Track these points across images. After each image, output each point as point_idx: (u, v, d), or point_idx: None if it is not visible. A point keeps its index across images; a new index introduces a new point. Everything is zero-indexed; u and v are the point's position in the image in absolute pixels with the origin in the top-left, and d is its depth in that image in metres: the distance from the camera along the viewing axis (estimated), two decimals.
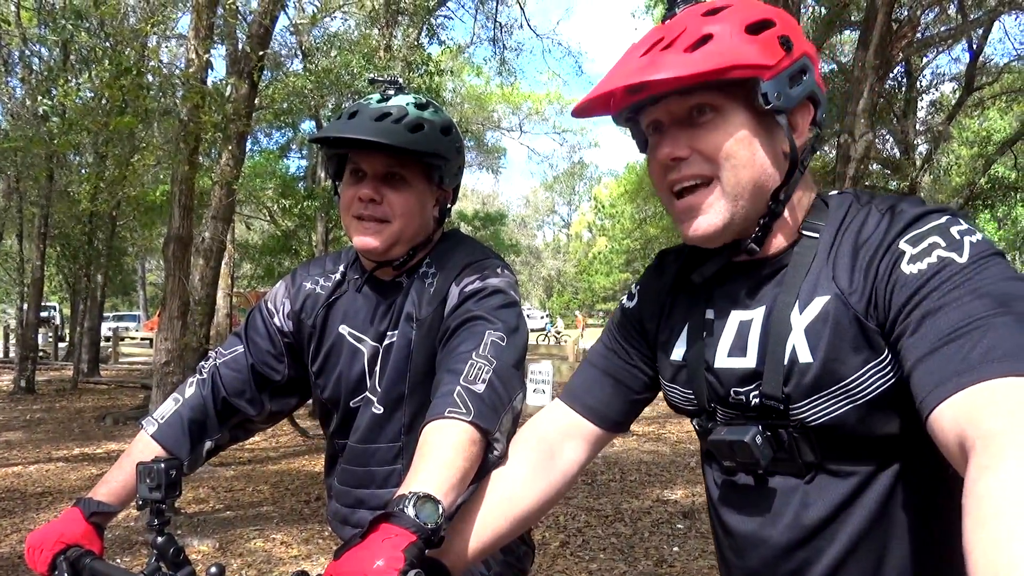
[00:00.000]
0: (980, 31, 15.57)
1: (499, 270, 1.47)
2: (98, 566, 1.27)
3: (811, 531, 1.00)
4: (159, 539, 1.20)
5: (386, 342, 1.50)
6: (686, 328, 1.13)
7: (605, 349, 1.26)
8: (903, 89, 17.34)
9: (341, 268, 1.62)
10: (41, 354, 17.91)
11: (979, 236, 0.90)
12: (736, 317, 1.06)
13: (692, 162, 1.01)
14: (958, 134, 20.05)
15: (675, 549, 5.07)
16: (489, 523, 1.12)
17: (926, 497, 0.96)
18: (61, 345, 23.45)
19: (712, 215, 1.02)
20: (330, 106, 11.68)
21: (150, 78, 4.71)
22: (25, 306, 14.41)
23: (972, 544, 0.66)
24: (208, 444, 1.53)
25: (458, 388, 1.22)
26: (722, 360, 1.06)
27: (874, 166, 17.24)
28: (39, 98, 5.31)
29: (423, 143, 1.42)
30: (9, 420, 11.22)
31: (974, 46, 16.34)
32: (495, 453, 1.21)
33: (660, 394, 1.24)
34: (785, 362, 0.98)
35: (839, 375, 0.95)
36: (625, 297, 1.27)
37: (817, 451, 0.98)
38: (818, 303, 0.97)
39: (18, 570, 4.69)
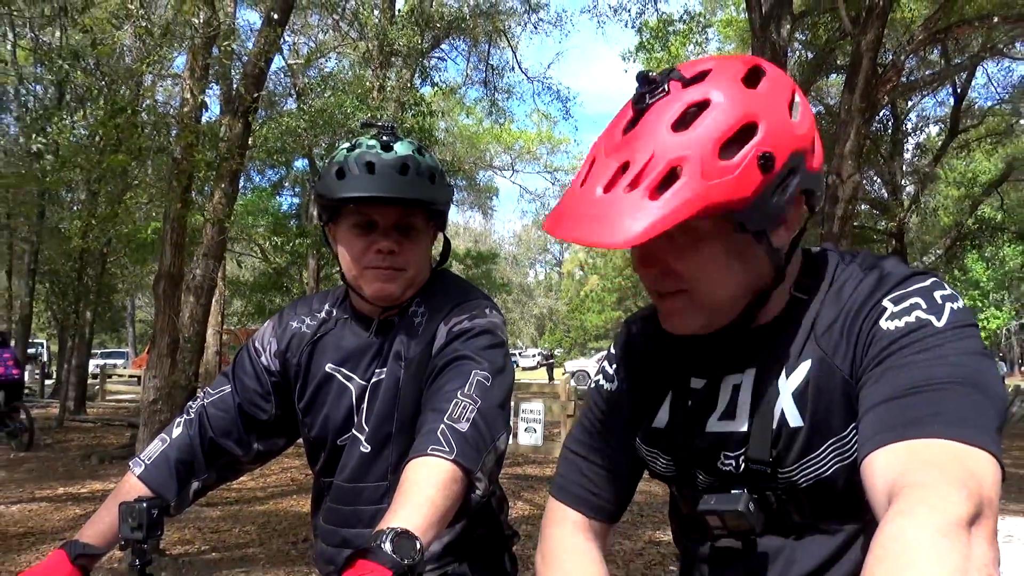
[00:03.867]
0: (963, 76, 15.90)
1: (487, 310, 1.48)
2: None
3: None
4: None
5: (373, 380, 1.50)
6: (669, 395, 1.10)
7: (591, 436, 1.19)
8: (889, 131, 17.63)
9: (327, 307, 1.62)
10: (27, 391, 17.72)
11: (960, 304, 0.92)
12: (728, 382, 1.05)
13: (666, 276, 0.98)
14: (944, 175, 20.36)
15: None
16: None
17: None
18: (47, 382, 23.21)
19: (688, 320, 1.00)
20: (323, 145, 11.77)
21: (144, 117, 4.75)
22: (12, 343, 14.29)
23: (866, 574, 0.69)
24: (195, 484, 1.52)
25: (442, 426, 1.23)
26: (713, 424, 1.05)
27: (862, 206, 17.45)
28: (33, 136, 5.34)
29: (441, 194, 1.47)
30: None
31: (958, 90, 16.67)
32: (477, 493, 1.21)
33: None
34: (774, 426, 0.98)
35: (828, 436, 0.95)
36: (601, 377, 1.21)
37: (807, 511, 0.98)
38: (804, 367, 0.97)
39: None
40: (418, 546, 1.03)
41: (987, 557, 0.69)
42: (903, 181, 18.58)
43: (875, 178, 18.97)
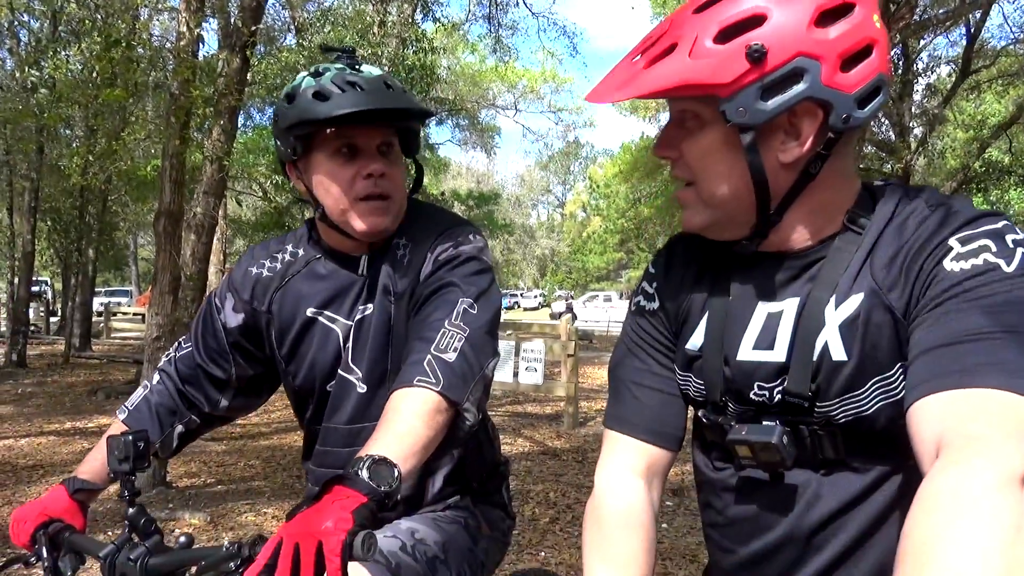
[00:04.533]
0: (978, 14, 15.51)
1: (471, 236, 1.45)
2: (76, 539, 1.30)
3: (820, 524, 0.98)
4: (130, 510, 1.22)
5: (358, 317, 1.46)
6: (705, 317, 1.08)
7: (636, 359, 1.15)
8: (899, 72, 17.30)
9: (289, 248, 1.56)
10: (32, 328, 17.86)
11: None
12: (764, 309, 1.02)
13: (679, 164, 1.01)
14: (953, 117, 20.03)
15: (663, 526, 5.11)
16: None
17: None
18: (52, 320, 23.39)
19: (693, 214, 1.02)
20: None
21: (140, 51, 4.65)
22: (16, 280, 14.34)
23: (914, 524, 0.68)
24: (179, 428, 1.54)
25: (428, 357, 1.22)
26: (746, 353, 1.02)
27: (868, 148, 17.24)
28: (27, 69, 5.25)
29: (418, 107, 1.42)
30: (0, 393, 11.21)
31: (971, 30, 16.29)
32: (467, 423, 1.22)
33: None
34: (815, 358, 0.95)
35: (873, 373, 0.93)
36: (641, 298, 1.17)
37: (840, 447, 0.96)
38: (855, 300, 0.94)
39: (7, 543, 4.71)
40: (396, 473, 1.02)
41: None
42: (911, 123, 18.31)
43: (882, 119, 18.69)
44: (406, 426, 1.13)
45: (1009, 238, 0.88)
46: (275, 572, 0.89)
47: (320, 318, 1.48)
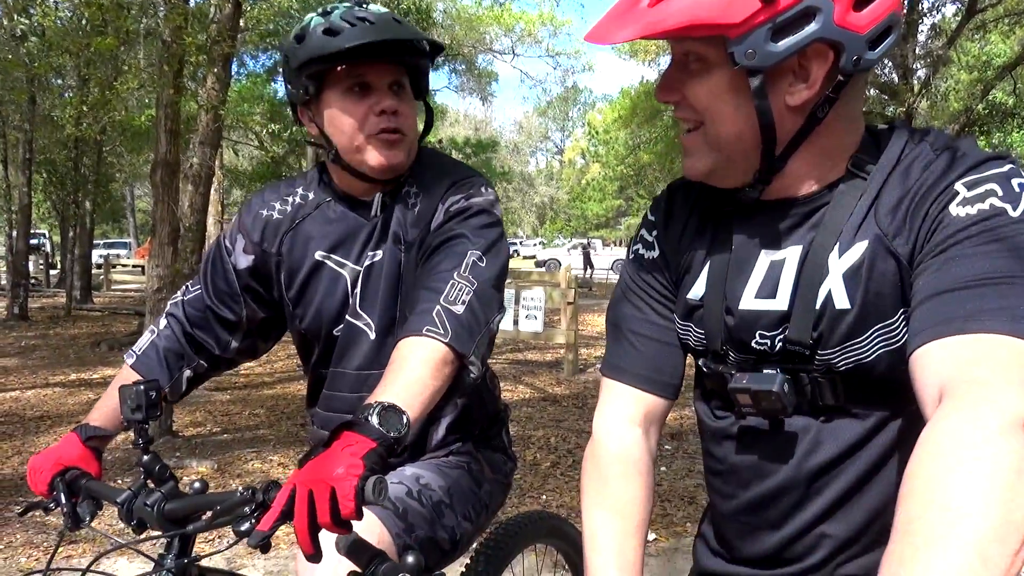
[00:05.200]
0: None
1: (483, 188, 1.45)
2: (93, 485, 1.32)
3: (820, 469, 0.99)
4: (144, 457, 1.24)
5: (367, 263, 1.47)
6: (706, 267, 1.07)
7: (635, 307, 1.14)
8: (904, 11, 16.96)
9: (299, 191, 1.55)
10: (33, 281, 17.88)
11: None
12: (766, 257, 1.01)
13: (682, 107, 0.98)
14: (957, 59, 19.73)
15: (663, 469, 5.21)
16: (634, 555, 1.06)
17: None
18: (52, 272, 23.40)
19: (697, 159, 1.00)
20: None
21: None
22: (14, 233, 14.30)
23: (917, 468, 0.68)
24: (187, 372, 1.55)
25: (437, 307, 1.22)
26: (748, 302, 1.01)
27: (871, 91, 17.01)
28: (16, 17, 5.14)
29: (419, 36, 1.40)
30: (4, 346, 11.28)
31: None
32: (472, 375, 1.23)
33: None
34: (817, 307, 0.95)
35: (875, 321, 0.92)
36: (640, 246, 1.16)
37: (840, 394, 0.96)
38: (859, 247, 0.93)
39: (20, 491, 4.80)
40: (404, 420, 1.04)
41: None
42: (915, 64, 18.02)
43: (886, 61, 18.39)
44: (414, 375, 1.14)
45: (1015, 182, 0.86)
46: (292, 518, 0.92)
47: (328, 262, 1.49)
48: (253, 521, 1.00)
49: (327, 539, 1.14)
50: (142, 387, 1.25)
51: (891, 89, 17.70)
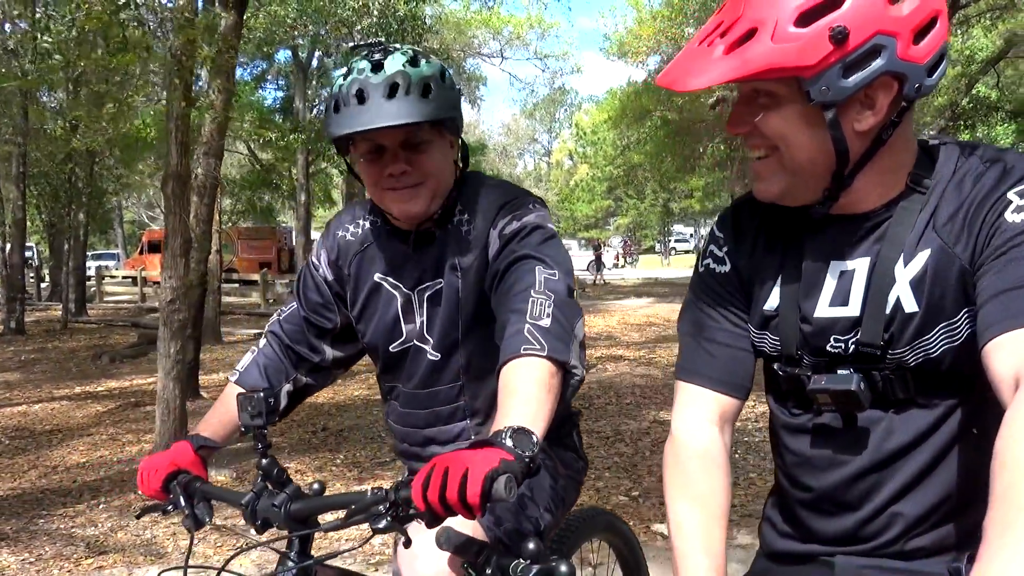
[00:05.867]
0: None
1: (531, 205, 1.51)
2: (208, 488, 1.38)
3: (892, 455, 1.09)
4: (263, 461, 1.29)
5: (428, 292, 1.56)
6: (779, 279, 1.15)
7: (708, 318, 1.23)
8: None
9: (370, 217, 1.65)
10: (27, 296, 17.81)
11: None
12: (837, 268, 1.10)
13: (753, 136, 1.06)
14: None
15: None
16: (718, 541, 1.13)
17: (986, 429, 1.05)
18: (42, 285, 23.28)
19: (770, 183, 1.08)
20: (311, 35, 11.42)
21: (144, 12, 4.60)
22: (8, 247, 14.25)
23: (1007, 446, 0.78)
24: (287, 386, 1.63)
25: (527, 326, 1.27)
26: (823, 310, 1.11)
27: None
28: (40, 37, 5.16)
29: (438, 108, 1.42)
30: (4, 360, 11.26)
31: None
32: (576, 378, 1.28)
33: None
34: (888, 311, 1.04)
35: (940, 320, 1.02)
36: (711, 260, 1.24)
37: (911, 388, 1.06)
38: (923, 256, 1.03)
39: (43, 504, 4.83)
40: (534, 440, 1.10)
41: None
42: None
43: None
44: (529, 395, 1.19)
45: None
46: (428, 486, 1.00)
47: (384, 284, 1.61)
48: (389, 519, 1.06)
49: (428, 536, 1.21)
50: (262, 395, 1.31)
51: None
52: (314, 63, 24.21)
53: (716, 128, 19.63)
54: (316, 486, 1.26)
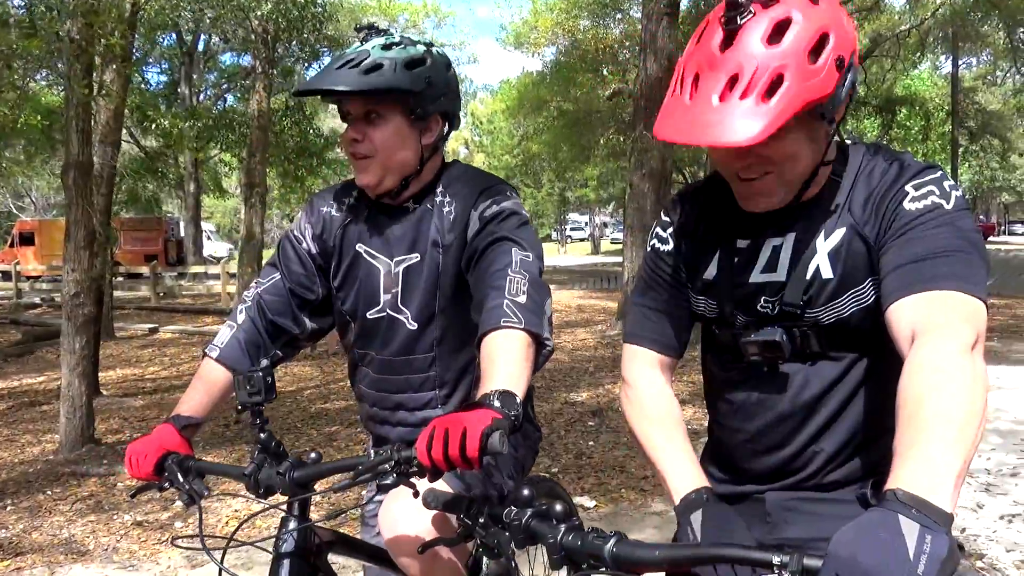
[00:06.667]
0: None
1: (508, 192, 1.66)
2: (203, 465, 1.45)
3: (809, 401, 1.30)
4: (262, 435, 1.38)
5: (404, 264, 1.68)
6: (717, 253, 1.36)
7: (652, 290, 1.45)
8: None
9: (354, 194, 1.77)
10: None
11: (959, 192, 1.20)
12: (770, 244, 1.31)
13: (757, 163, 1.22)
14: None
15: (590, 443, 5.56)
16: (684, 438, 1.36)
17: (883, 378, 1.28)
18: None
19: (772, 198, 1.26)
20: (208, 18, 11.05)
21: None
22: None
23: (908, 384, 0.99)
24: (264, 362, 1.68)
25: (505, 301, 1.42)
26: (756, 276, 1.31)
27: None
28: None
29: (376, 82, 1.56)
30: None
31: None
32: (547, 349, 1.44)
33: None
34: (808, 277, 1.26)
35: (851, 286, 1.24)
36: (656, 241, 1.45)
37: (824, 343, 1.28)
38: (839, 232, 1.25)
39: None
40: (518, 400, 1.24)
41: (984, 369, 1.00)
42: None
43: None
44: (510, 362, 1.34)
45: (946, 184, 1.20)
46: (432, 445, 1.13)
47: (364, 255, 1.71)
48: (395, 475, 1.18)
49: (408, 500, 1.33)
50: (259, 373, 1.38)
51: None
52: (200, 47, 23.27)
53: (611, 119, 20.21)
54: (313, 455, 1.36)
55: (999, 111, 25.30)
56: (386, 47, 1.60)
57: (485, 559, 1.68)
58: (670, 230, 1.44)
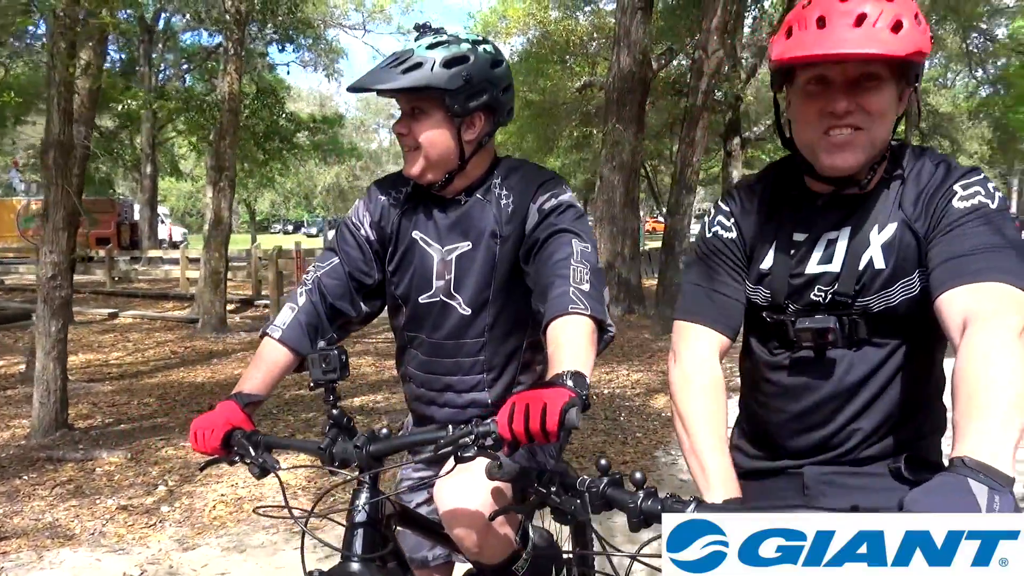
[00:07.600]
0: None
1: (563, 186, 1.74)
2: (272, 439, 1.50)
3: (853, 384, 1.41)
4: (334, 411, 1.44)
5: (457, 252, 1.75)
6: (774, 244, 1.45)
7: (714, 273, 1.51)
8: (733, 6, 18.31)
9: (411, 183, 1.83)
10: None
11: (1002, 193, 1.32)
12: (826, 236, 1.41)
13: (853, 115, 1.31)
14: None
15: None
16: (723, 426, 1.40)
17: (920, 362, 1.41)
18: None
19: (857, 154, 1.34)
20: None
21: None
22: None
23: (965, 366, 1.09)
24: (321, 343, 1.74)
25: (571, 289, 1.50)
26: (812, 267, 1.41)
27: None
28: None
29: (412, 80, 1.63)
30: None
31: None
32: (609, 335, 1.53)
33: None
34: (861, 268, 1.36)
35: (901, 277, 1.35)
36: (719, 228, 1.52)
37: (871, 329, 1.38)
38: (892, 227, 1.37)
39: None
40: (587, 381, 1.31)
41: None
42: (743, 53, 19.55)
43: (719, 49, 19.79)
44: (579, 346, 1.41)
45: (990, 185, 1.32)
46: (513, 419, 1.20)
47: (420, 242, 1.78)
48: (476, 449, 1.25)
49: (462, 477, 1.39)
50: (335, 351, 1.44)
51: (724, 76, 19.17)
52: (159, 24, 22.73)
53: (576, 111, 20.30)
54: (384, 431, 1.42)
55: (950, 113, 26.06)
56: (432, 46, 1.66)
57: (531, 530, 1.75)
58: (732, 219, 1.52)
